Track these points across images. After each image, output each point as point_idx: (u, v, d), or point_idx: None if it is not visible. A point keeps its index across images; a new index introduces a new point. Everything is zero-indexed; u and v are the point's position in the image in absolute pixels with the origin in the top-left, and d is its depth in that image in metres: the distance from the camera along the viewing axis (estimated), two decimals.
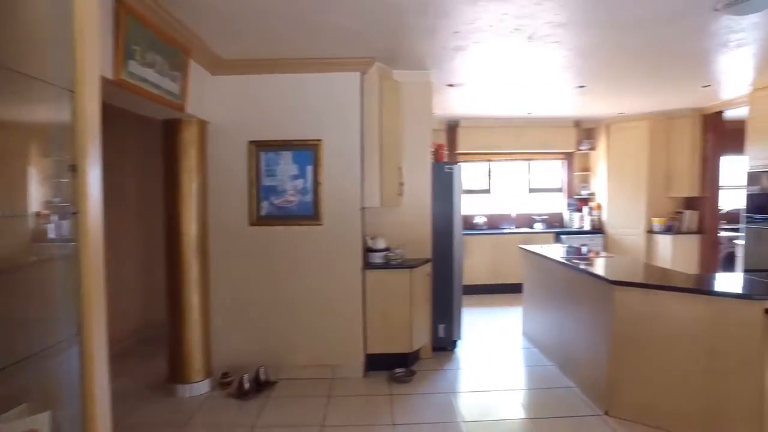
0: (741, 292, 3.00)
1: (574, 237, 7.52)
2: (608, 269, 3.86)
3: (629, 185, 7.35)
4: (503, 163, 8.32)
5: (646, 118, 7.11)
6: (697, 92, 5.73)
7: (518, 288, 7.38)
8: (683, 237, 6.97)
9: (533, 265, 5.04)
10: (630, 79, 5.01)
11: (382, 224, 4.52)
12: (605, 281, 3.39)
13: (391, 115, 4.34)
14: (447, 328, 4.76)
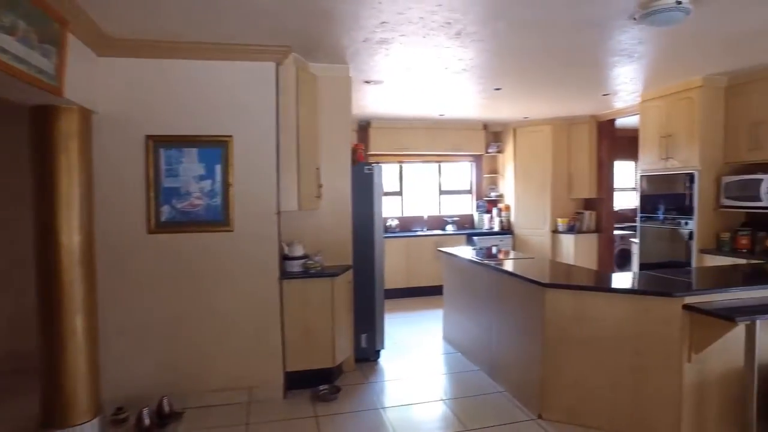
0: (662, 289, 3.08)
1: (485, 238, 7.67)
2: (529, 270, 3.86)
3: (535, 187, 7.65)
4: (414, 165, 8.28)
5: (549, 123, 7.44)
6: (596, 100, 6.06)
7: (433, 291, 7.41)
8: (584, 236, 7.38)
9: (454, 269, 4.97)
10: (541, 82, 5.13)
11: (300, 229, 4.16)
12: (536, 284, 3.35)
13: (309, 112, 4.01)
14: (370, 337, 4.52)
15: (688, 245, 5.09)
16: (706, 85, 4.94)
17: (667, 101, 5.32)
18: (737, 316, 2.72)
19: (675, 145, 5.24)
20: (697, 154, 4.99)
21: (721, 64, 4.57)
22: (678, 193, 5.26)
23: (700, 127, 4.97)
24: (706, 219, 5.02)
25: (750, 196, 4.69)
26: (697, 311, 2.90)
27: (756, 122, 4.72)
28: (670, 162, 5.30)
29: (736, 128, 4.92)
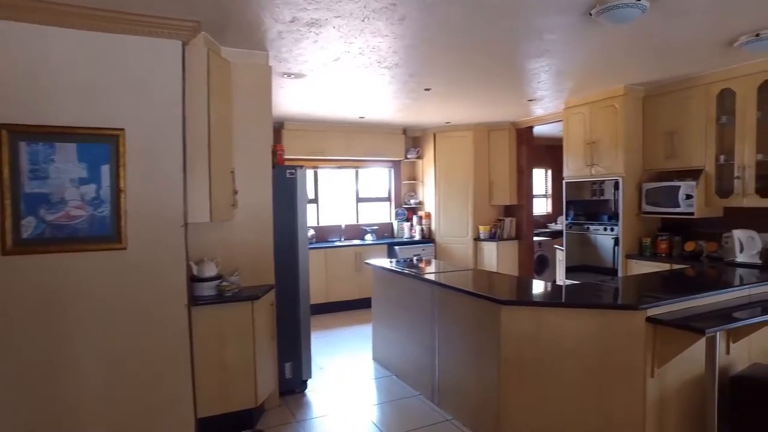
0: (625, 302, 2.88)
1: (407, 247, 7.36)
2: (471, 282, 3.55)
3: (457, 194, 7.48)
4: (331, 171, 7.77)
5: (470, 129, 7.33)
6: (520, 105, 5.99)
7: (355, 305, 6.95)
8: (505, 243, 7.33)
9: (385, 283, 4.54)
10: (472, 84, 4.90)
11: (212, 244, 3.49)
12: (491, 301, 3.01)
13: (222, 103, 3.37)
14: (295, 366, 3.93)
15: (615, 251, 5.11)
16: (628, 94, 5.01)
17: (591, 108, 5.35)
18: (706, 327, 2.56)
19: (600, 152, 5.27)
20: (622, 161, 5.03)
21: (639, 75, 4.64)
22: (602, 200, 5.29)
23: (624, 135, 5.02)
24: (630, 224, 5.08)
25: (669, 202, 4.79)
26: (661, 324, 2.73)
27: (670, 131, 4.85)
28: (595, 169, 5.32)
29: (653, 137, 5.03)
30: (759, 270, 3.97)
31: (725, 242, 4.62)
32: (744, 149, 4.32)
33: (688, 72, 4.54)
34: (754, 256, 4.17)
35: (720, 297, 3.13)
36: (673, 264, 4.60)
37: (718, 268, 4.19)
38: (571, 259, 5.70)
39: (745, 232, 4.22)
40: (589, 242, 5.44)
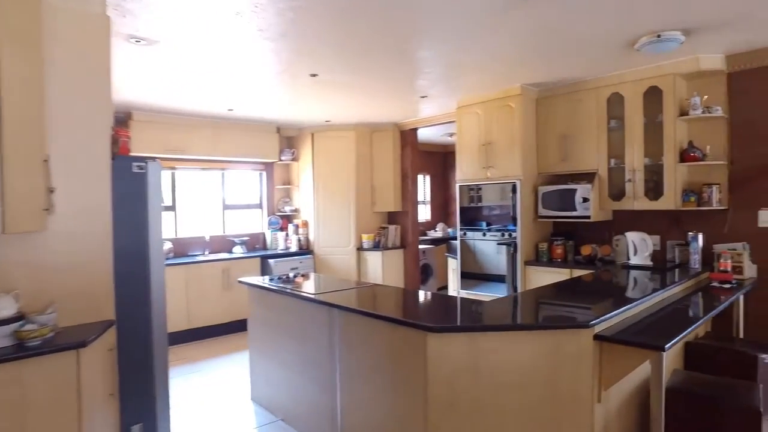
0: (572, 321, 2.46)
1: (283, 260, 6.50)
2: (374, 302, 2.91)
3: (338, 200, 6.83)
4: (192, 172, 6.61)
5: (352, 129, 6.74)
6: (408, 102, 5.55)
7: (224, 329, 5.89)
8: (389, 252, 6.84)
9: (267, 306, 3.69)
10: (363, 73, 4.30)
11: (7, 269, 2.36)
12: (415, 327, 2.38)
13: (25, 58, 2.28)
14: (148, 427, 2.90)
15: (513, 257, 4.87)
16: (524, 94, 4.83)
17: (487, 108, 5.09)
18: (662, 342, 2.22)
19: (496, 153, 5.01)
20: (519, 164, 4.82)
21: (536, 74, 4.48)
22: (500, 204, 5.04)
23: (521, 136, 4.82)
24: (528, 230, 4.88)
25: (565, 206, 4.67)
26: (610, 341, 2.35)
27: (564, 134, 4.76)
28: (491, 171, 5.06)
29: (547, 139, 4.91)
30: (651, 271, 3.95)
31: (616, 245, 4.61)
32: (633, 153, 4.32)
33: (582, 75, 4.47)
34: (646, 258, 4.16)
35: (647, 303, 2.90)
36: (572, 269, 4.46)
37: (613, 271, 4.10)
38: (464, 264, 5.37)
39: (637, 235, 4.20)
40: (484, 249, 5.16)
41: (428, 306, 3.00)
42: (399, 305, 3.03)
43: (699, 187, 4.11)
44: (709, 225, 4.12)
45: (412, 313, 2.82)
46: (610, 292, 3.38)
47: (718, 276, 3.63)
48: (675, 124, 4.09)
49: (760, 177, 3.93)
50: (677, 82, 4.11)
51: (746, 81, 3.98)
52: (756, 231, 3.95)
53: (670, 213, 4.29)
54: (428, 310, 2.89)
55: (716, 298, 3.32)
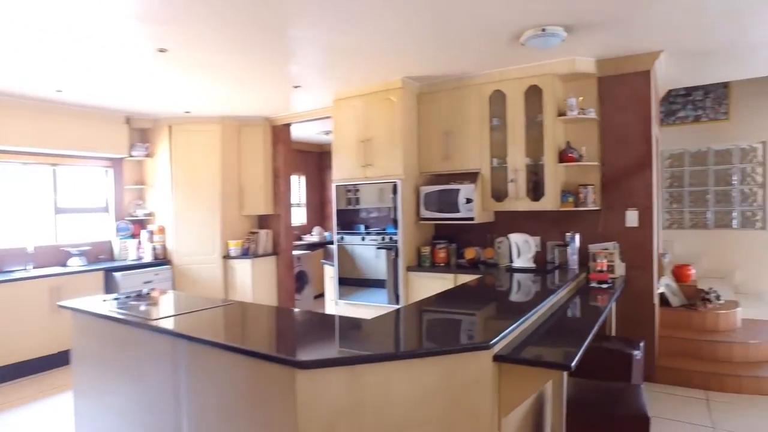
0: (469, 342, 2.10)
1: (133, 273, 5.52)
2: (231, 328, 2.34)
3: (201, 202, 5.99)
4: (9, 167, 5.33)
5: (218, 122, 5.97)
6: (280, 93, 4.98)
7: (51, 363, 4.75)
8: (261, 260, 6.19)
9: (96, 336, 2.88)
10: (224, 51, 3.66)
11: None
12: (280, 363, 1.85)
13: None
14: None
15: (394, 262, 4.53)
16: (406, 88, 4.54)
17: (366, 102, 4.71)
18: (568, 359, 1.96)
19: (376, 151, 4.65)
20: (400, 162, 4.50)
21: (418, 67, 4.21)
22: (380, 206, 4.68)
23: (402, 132, 4.51)
24: (409, 233, 4.58)
25: (448, 207, 4.45)
26: (513, 362, 2.04)
27: (446, 132, 4.55)
28: (370, 170, 4.68)
29: (429, 137, 4.68)
30: (534, 274, 3.87)
31: (498, 247, 4.50)
32: (515, 153, 4.23)
33: (465, 70, 4.29)
34: (529, 260, 4.08)
35: (540, 311, 2.69)
36: (456, 275, 4.25)
37: (498, 275, 3.96)
38: (342, 274, 4.93)
39: (520, 236, 4.10)
40: (363, 254, 4.77)
41: (300, 331, 2.47)
42: (264, 331, 2.46)
43: (576, 187, 4.13)
44: (584, 225, 4.16)
45: (280, 341, 2.28)
46: (501, 302, 3.15)
47: (597, 276, 3.62)
48: (554, 124, 4.06)
49: (626, 178, 4.05)
50: (555, 83, 4.10)
51: (613, 86, 4.08)
52: (624, 230, 4.06)
53: (550, 214, 4.27)
54: (300, 336, 2.36)
55: (598, 300, 3.28)
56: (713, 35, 3.60)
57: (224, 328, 2.39)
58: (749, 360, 4.10)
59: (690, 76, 4.85)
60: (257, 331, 2.44)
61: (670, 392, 3.89)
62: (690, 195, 6.57)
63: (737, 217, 6.35)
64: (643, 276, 3.99)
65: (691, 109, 6.36)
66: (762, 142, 6.16)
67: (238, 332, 2.33)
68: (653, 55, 3.89)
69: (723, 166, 6.42)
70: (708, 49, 3.90)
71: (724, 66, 4.51)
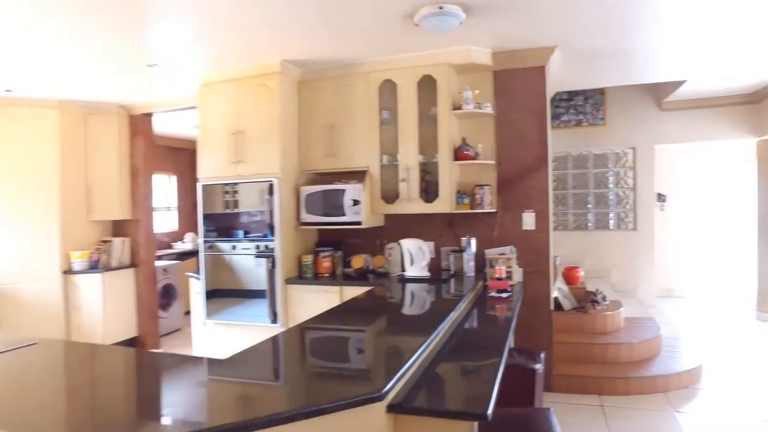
0: (357, 390, 1.56)
1: None
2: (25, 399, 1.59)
3: (31, 205, 4.82)
4: None
5: (55, 106, 4.86)
6: (132, 70, 4.10)
7: None
8: (114, 274, 5.17)
9: None
10: None
11: None
12: None
13: None
14: None
15: (272, 274, 3.89)
16: (285, 73, 3.93)
17: (239, 87, 4.03)
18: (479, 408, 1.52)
19: (249, 145, 3.98)
20: (277, 158, 3.89)
21: (300, 49, 3.66)
22: (262, 209, 4.01)
23: (280, 124, 3.90)
24: (288, 240, 3.97)
25: (333, 210, 3.93)
26: (411, 413, 1.55)
27: (331, 125, 4.03)
28: (243, 167, 4.00)
29: (312, 130, 4.11)
30: (429, 284, 3.49)
31: (389, 254, 4.07)
32: (407, 149, 3.83)
33: (352, 55, 3.81)
34: (423, 268, 3.69)
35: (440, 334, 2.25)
36: (342, 287, 3.73)
37: (390, 286, 3.53)
38: (218, 285, 4.18)
39: (413, 242, 3.70)
40: (236, 265, 4.07)
41: (125, 394, 1.74)
42: (50, 402, 1.68)
43: (472, 188, 3.83)
44: (481, 229, 3.87)
45: (85, 414, 1.54)
46: (394, 323, 2.66)
47: (496, 285, 3.32)
48: (449, 118, 3.72)
49: (522, 179, 3.83)
50: (450, 74, 3.76)
51: (509, 80, 3.85)
52: (521, 234, 3.83)
53: (444, 217, 3.93)
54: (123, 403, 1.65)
55: (500, 311, 2.97)
56: (601, 35, 3.53)
57: (11, 396, 1.59)
58: (634, 360, 4.12)
59: (575, 78, 4.84)
60: (41, 402, 1.65)
61: (567, 401, 3.72)
62: (573, 197, 6.74)
63: (613, 218, 6.62)
64: (541, 281, 3.79)
65: (573, 114, 6.52)
66: (632, 147, 6.46)
67: (11, 403, 1.52)
68: (548, 51, 3.71)
69: (601, 169, 6.66)
70: (595, 49, 3.83)
71: (605, 70, 4.55)
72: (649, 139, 6.30)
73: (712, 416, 3.46)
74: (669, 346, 4.48)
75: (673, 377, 3.90)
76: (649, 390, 3.81)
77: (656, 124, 6.25)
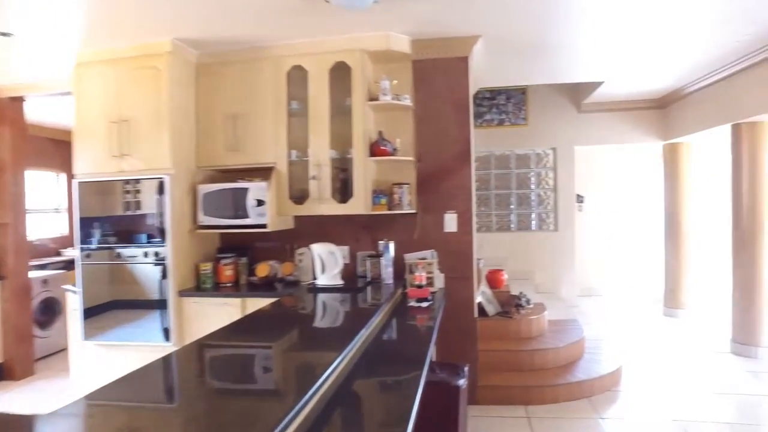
0: None
1: None
2: None
3: None
4: None
5: None
6: None
7: None
8: None
9: None
10: None
11: None
12: None
13: None
14: None
15: (162, 285, 3.35)
16: (177, 53, 3.41)
17: (121, 69, 3.45)
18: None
19: (134, 137, 3.41)
20: (168, 152, 3.36)
21: (197, 26, 3.17)
22: (139, 214, 3.45)
23: (171, 113, 3.37)
24: (183, 245, 3.45)
25: (235, 212, 3.46)
26: None
27: (234, 115, 3.56)
28: (128, 162, 3.42)
29: (211, 121, 3.61)
30: (343, 293, 3.13)
31: (300, 261, 3.67)
32: (319, 143, 3.44)
33: (257, 36, 3.38)
34: (336, 276, 3.31)
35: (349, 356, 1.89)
36: (245, 299, 3.28)
37: (299, 297, 3.13)
38: (93, 303, 3.55)
39: (324, 247, 3.31)
40: (123, 276, 3.49)
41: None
42: None
43: (390, 187, 3.51)
44: (400, 231, 3.57)
45: None
46: (299, 347, 2.26)
47: (416, 293, 3.01)
48: (365, 110, 3.38)
49: (443, 177, 3.57)
50: (366, 61, 3.43)
51: (430, 71, 3.58)
52: (442, 237, 3.57)
53: (360, 218, 3.58)
54: None
55: (421, 324, 2.67)
56: (527, 26, 3.37)
57: None
58: (560, 364, 4.01)
59: (499, 74, 4.69)
60: None
61: (493, 414, 3.51)
62: (496, 198, 6.65)
63: (535, 219, 6.60)
64: (464, 287, 3.54)
65: (496, 113, 6.43)
66: (553, 148, 6.47)
67: None
68: (472, 40, 3.48)
69: (523, 170, 6.62)
70: (520, 42, 3.67)
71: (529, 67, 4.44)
72: (569, 140, 6.33)
73: (631, 419, 3.43)
74: (592, 348, 4.42)
75: (597, 381, 3.81)
76: (575, 396, 3.70)
77: (575, 125, 6.29)
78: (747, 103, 4.42)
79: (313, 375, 1.55)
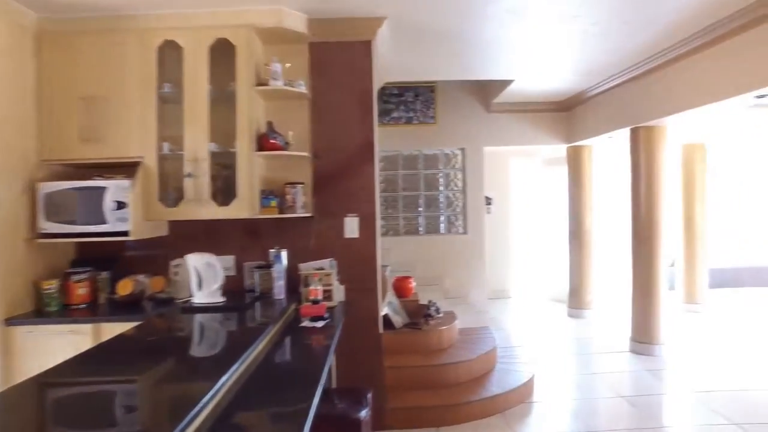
0: None
1: None
2: None
3: None
4: None
5: None
6: None
7: None
8: None
9: None
10: None
11: None
12: None
13: None
14: None
15: None
16: (8, 16, 2.69)
17: None
18: None
19: None
20: None
21: None
22: None
23: (4, 94, 2.65)
24: (14, 259, 2.73)
25: (89, 216, 2.81)
26: None
27: (89, 97, 2.90)
28: None
29: (60, 104, 2.92)
30: (224, 313, 2.63)
31: (175, 274, 3.09)
32: (196, 134, 2.89)
33: (119, 2, 2.74)
34: (215, 292, 2.76)
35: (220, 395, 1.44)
36: (98, 324, 2.65)
37: (169, 320, 2.58)
38: None
39: (201, 258, 2.74)
40: None
41: None
42: None
43: (282, 187, 3.04)
44: (294, 238, 3.11)
45: None
46: (165, 379, 1.73)
47: (310, 311, 2.58)
48: (251, 96, 2.88)
49: (343, 176, 3.17)
50: (254, 40, 2.94)
51: (329, 55, 3.18)
52: (343, 243, 3.17)
53: (247, 223, 3.07)
54: None
55: (314, 350, 2.27)
56: (437, 11, 3.10)
57: None
58: (473, 376, 3.80)
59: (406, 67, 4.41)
60: None
61: None
62: (403, 200, 6.38)
63: (444, 222, 6.42)
64: (367, 299, 3.17)
65: (404, 111, 6.16)
66: (461, 148, 6.33)
67: None
68: (376, 22, 3.12)
69: (432, 170, 6.42)
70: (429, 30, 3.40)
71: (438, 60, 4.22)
72: (478, 140, 6.22)
73: None
74: (504, 357, 4.25)
75: (511, 394, 3.63)
76: (490, 412, 3.49)
77: (484, 125, 6.20)
78: (644, 108, 4.51)
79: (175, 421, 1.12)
